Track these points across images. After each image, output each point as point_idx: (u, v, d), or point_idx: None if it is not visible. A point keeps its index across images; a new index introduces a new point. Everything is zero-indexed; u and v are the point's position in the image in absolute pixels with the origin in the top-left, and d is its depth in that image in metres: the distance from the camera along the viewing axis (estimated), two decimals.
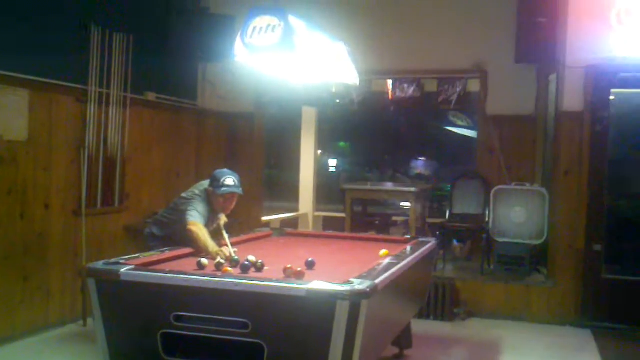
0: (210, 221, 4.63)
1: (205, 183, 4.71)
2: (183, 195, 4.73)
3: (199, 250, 4.22)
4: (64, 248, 5.73)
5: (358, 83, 5.01)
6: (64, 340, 5.38)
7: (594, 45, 6.19)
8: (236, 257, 4.01)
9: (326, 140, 12.98)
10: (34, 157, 5.44)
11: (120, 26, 6.14)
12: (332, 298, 3.06)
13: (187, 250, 4.30)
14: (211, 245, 4.25)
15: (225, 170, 4.71)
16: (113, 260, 3.69)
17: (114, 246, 6.16)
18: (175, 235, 4.62)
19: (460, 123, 12.76)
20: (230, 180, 4.56)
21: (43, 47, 5.39)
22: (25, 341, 5.30)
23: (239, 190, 4.65)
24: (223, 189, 4.52)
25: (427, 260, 4.98)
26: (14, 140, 5.24)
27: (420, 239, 5.25)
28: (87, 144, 5.87)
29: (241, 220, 7.82)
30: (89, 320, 5.62)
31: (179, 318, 3.31)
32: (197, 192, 4.63)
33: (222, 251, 4.17)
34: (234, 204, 4.74)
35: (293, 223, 9.62)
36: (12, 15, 5.24)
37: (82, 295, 5.71)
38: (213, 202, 4.59)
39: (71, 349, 5.15)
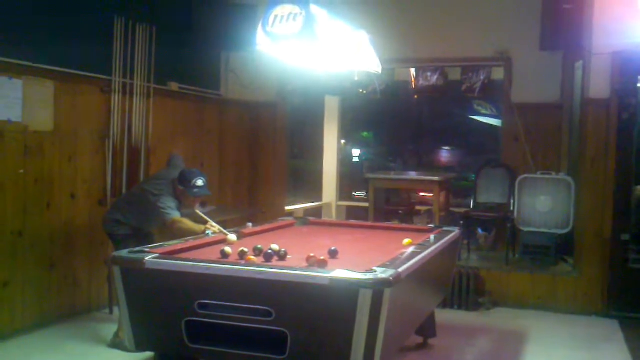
0: (179, 211, 4.95)
1: (167, 175, 5.02)
2: (148, 188, 4.96)
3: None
4: (90, 237, 5.80)
5: (380, 71, 4.98)
6: (91, 328, 5.44)
7: (620, 31, 6.09)
8: (225, 230, 4.51)
9: (349, 130, 12.93)
10: (60, 147, 5.50)
11: (143, 17, 6.16)
12: (355, 286, 3.06)
13: (211, 239, 4.34)
14: (197, 227, 4.61)
15: (195, 170, 5.05)
16: (138, 248, 3.74)
17: None
18: (142, 224, 5.04)
19: (484, 111, 12.63)
20: (200, 181, 4.84)
21: (68, 38, 5.44)
22: (53, 328, 5.38)
23: (209, 192, 5.00)
24: (195, 190, 4.81)
25: (451, 250, 4.95)
26: (40, 131, 5.31)
27: (444, 228, 5.23)
28: (111, 134, 5.92)
29: (265, 210, 7.87)
30: (115, 308, 5.68)
31: (203, 306, 3.33)
32: (164, 187, 4.89)
33: (208, 227, 4.56)
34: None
35: (316, 213, 9.63)
36: (36, 7, 5.29)
37: (108, 283, 5.78)
38: (180, 197, 4.89)
39: (97, 336, 5.21)
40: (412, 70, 8.66)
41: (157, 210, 4.76)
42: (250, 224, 5.07)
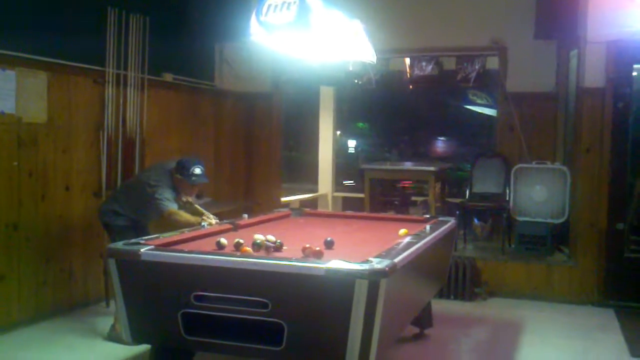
0: (176, 202, 4.91)
1: (164, 165, 5.01)
2: (144, 179, 4.94)
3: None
4: (85, 229, 5.78)
5: (375, 61, 4.96)
6: (87, 321, 5.44)
7: (616, 20, 6.06)
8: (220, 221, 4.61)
9: (345, 121, 12.89)
10: (54, 139, 5.47)
11: (136, 8, 6.12)
12: (351, 277, 3.06)
13: (206, 230, 4.33)
14: (193, 219, 4.61)
15: (192, 158, 5.03)
16: (133, 240, 3.73)
17: None
18: (139, 215, 5.02)
19: (479, 101, 12.60)
20: (198, 169, 4.84)
21: (61, 29, 5.41)
22: (49, 322, 5.37)
23: (207, 180, 4.97)
24: (193, 178, 4.82)
25: (446, 240, 4.96)
26: (34, 123, 5.28)
27: (440, 218, 5.23)
28: (105, 126, 5.89)
29: (260, 202, 7.86)
30: (111, 301, 5.67)
31: (199, 298, 3.33)
32: (162, 178, 4.87)
33: (204, 218, 4.55)
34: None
35: (312, 204, 9.62)
36: None
37: (104, 276, 5.77)
38: (179, 187, 4.87)
39: (94, 329, 5.20)
40: (407, 60, 8.63)
41: (154, 201, 4.74)
42: (245, 216, 5.06)
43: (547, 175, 6.86)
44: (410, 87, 9.23)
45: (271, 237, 3.90)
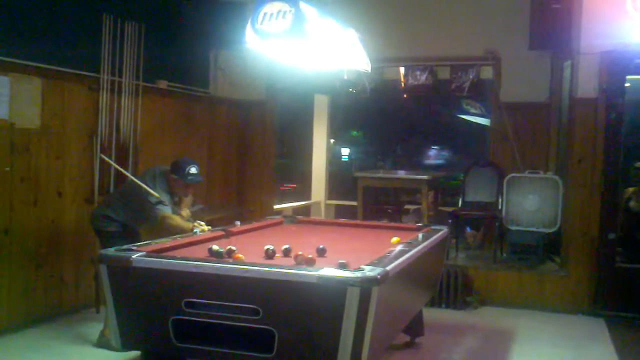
0: (171, 207, 4.91)
1: (157, 169, 5.02)
2: (140, 184, 4.92)
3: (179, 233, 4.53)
4: (77, 235, 5.76)
5: (370, 69, 4.97)
6: (77, 327, 5.41)
7: (609, 31, 6.12)
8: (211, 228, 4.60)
9: (339, 129, 12.91)
10: (47, 145, 5.46)
11: (132, 14, 6.13)
12: (343, 285, 3.06)
13: (199, 237, 4.33)
14: (187, 225, 4.61)
15: (186, 158, 5.07)
16: (125, 246, 3.72)
17: None
18: (133, 220, 5.02)
19: (473, 111, 12.64)
20: (194, 168, 4.89)
21: (56, 35, 5.42)
22: (39, 327, 5.35)
23: (202, 179, 5.08)
24: (190, 177, 4.86)
25: (439, 248, 4.96)
26: (27, 128, 5.27)
27: (433, 227, 5.23)
28: (99, 132, 5.88)
29: (253, 209, 7.85)
30: (102, 307, 5.65)
31: (190, 304, 3.32)
32: (156, 182, 4.87)
33: (196, 225, 4.54)
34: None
35: (305, 211, 9.61)
36: (24, 4, 5.25)
37: (94, 282, 5.74)
38: (174, 187, 4.91)
39: (84, 336, 5.18)
40: (402, 69, 8.66)
41: (149, 205, 4.74)
42: (238, 223, 5.05)
43: (540, 184, 6.88)
44: (405, 96, 9.23)
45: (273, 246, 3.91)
